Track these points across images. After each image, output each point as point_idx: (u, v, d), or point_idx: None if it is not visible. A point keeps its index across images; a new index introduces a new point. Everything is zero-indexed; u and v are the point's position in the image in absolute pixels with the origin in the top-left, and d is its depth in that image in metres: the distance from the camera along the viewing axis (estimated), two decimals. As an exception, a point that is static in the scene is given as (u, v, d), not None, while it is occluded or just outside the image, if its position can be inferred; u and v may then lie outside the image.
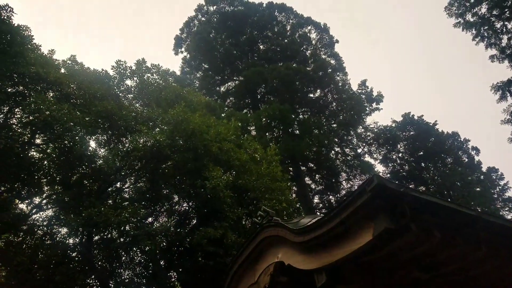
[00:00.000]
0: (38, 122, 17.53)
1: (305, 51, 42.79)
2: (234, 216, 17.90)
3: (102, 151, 20.69)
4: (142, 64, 22.62)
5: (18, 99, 18.70)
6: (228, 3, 43.09)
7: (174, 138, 18.83)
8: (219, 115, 31.21)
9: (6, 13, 17.25)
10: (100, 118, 18.75)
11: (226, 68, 43.08)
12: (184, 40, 44.62)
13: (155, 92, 22.37)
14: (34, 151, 19.69)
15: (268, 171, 20.20)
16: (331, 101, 39.14)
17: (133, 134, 19.11)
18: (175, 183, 20.43)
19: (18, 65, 17.48)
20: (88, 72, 21.04)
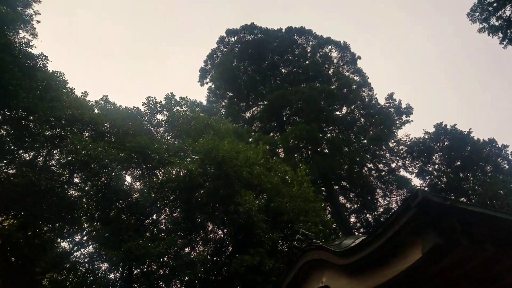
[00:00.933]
0: (75, 162, 18.34)
1: (327, 70, 42.93)
2: (269, 241, 17.67)
3: (138, 184, 21.23)
4: (171, 98, 23.37)
5: (56, 141, 19.71)
6: (248, 32, 44.31)
7: (205, 166, 19.09)
8: (247, 140, 31.46)
9: (42, 61, 18.45)
10: (134, 153, 19.33)
11: (250, 94, 43.76)
12: (208, 71, 45.98)
13: (184, 123, 22.92)
14: (73, 190, 20.44)
15: (300, 192, 19.97)
16: (358, 117, 38.65)
17: (166, 166, 19.55)
18: (208, 210, 20.53)
19: (54, 109, 18.53)
20: (120, 110, 21.93)
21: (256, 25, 44.54)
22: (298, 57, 43.33)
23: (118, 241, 16.62)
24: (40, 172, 17.35)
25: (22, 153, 19.58)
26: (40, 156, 20.35)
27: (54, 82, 18.99)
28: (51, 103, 18.03)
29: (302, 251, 6.85)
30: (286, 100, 36.70)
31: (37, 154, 20.09)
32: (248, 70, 44.06)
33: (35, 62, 17.44)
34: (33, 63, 17.30)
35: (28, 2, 31.25)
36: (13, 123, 18.60)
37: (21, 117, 18.64)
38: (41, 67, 17.79)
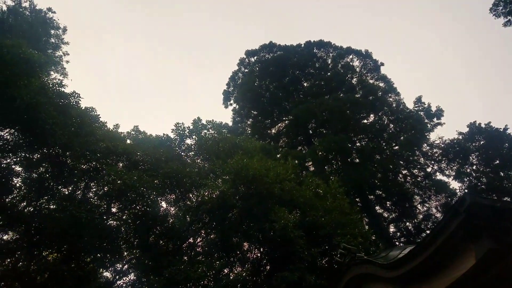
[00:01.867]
0: (112, 192, 18.92)
1: (351, 79, 42.56)
2: (308, 257, 17.32)
3: (173, 209, 21.56)
4: (198, 122, 23.88)
5: (93, 174, 20.44)
6: (267, 51, 44.92)
7: (237, 186, 19.18)
8: (275, 156, 31.39)
9: (74, 99, 19.51)
10: (167, 179, 19.72)
11: (274, 111, 43.95)
12: (231, 93, 46.77)
13: (213, 145, 23.25)
14: (112, 219, 20.97)
15: (335, 205, 19.58)
16: (387, 124, 37.81)
17: (199, 189, 19.80)
18: (243, 230, 20.46)
19: (89, 143, 19.36)
20: (151, 139, 22.59)
21: (274, 43, 45.10)
22: (319, 70, 43.30)
23: (158, 267, 16.80)
24: (80, 205, 17.98)
25: (61, 188, 20.40)
26: (78, 190, 21.11)
27: (87, 118, 19.89)
28: (86, 138, 18.82)
29: (347, 266, 6.66)
30: (311, 113, 36.54)
31: (75, 188, 20.87)
32: (270, 88, 44.40)
33: (68, 101, 18.39)
34: (66, 102, 18.24)
35: (57, 44, 33.31)
36: (51, 160, 19.52)
37: (58, 154, 19.55)
38: (74, 105, 18.70)
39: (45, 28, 31.90)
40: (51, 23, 32.39)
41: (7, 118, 16.97)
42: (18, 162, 19.50)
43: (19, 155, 19.55)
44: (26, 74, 16.82)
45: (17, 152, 19.42)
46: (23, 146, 19.03)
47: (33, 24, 30.45)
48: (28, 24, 30.07)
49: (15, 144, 19.27)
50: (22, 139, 18.91)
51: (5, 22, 29.02)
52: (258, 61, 45.45)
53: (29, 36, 27.44)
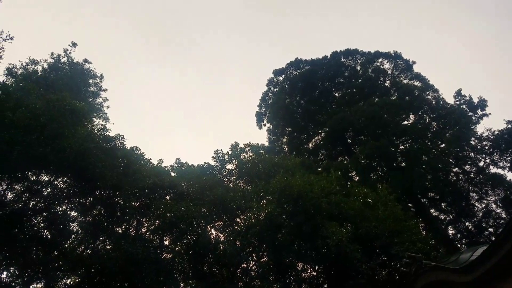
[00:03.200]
0: (163, 225, 19.38)
1: (383, 82, 41.63)
2: (368, 271, 16.65)
3: (222, 235, 21.66)
4: (236, 146, 24.26)
5: (143, 210, 21.12)
6: (294, 67, 45.19)
7: (282, 205, 19.02)
8: (316, 170, 30.96)
9: (119, 141, 20.52)
10: (213, 206, 19.99)
11: (309, 125, 43.68)
12: (264, 114, 47.18)
13: (253, 168, 23.42)
14: (165, 252, 21.38)
15: (387, 213, 18.80)
16: (429, 122, 36.27)
17: (245, 212, 19.86)
18: (295, 249, 20.09)
19: (137, 181, 20.14)
20: (193, 169, 23.16)
21: (300, 59, 45.29)
22: (349, 78, 42.80)
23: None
24: (134, 241, 18.54)
25: (115, 228, 21.16)
26: (131, 227, 21.82)
27: (133, 157, 20.81)
28: (133, 177, 19.60)
29: (415, 276, 6.28)
30: (347, 122, 35.92)
31: (128, 225, 21.58)
32: (302, 103, 44.34)
33: (113, 143, 19.34)
34: (112, 144, 19.18)
35: (96, 92, 35.44)
36: (103, 201, 20.44)
37: (109, 195, 20.45)
38: (119, 146, 19.62)
39: (84, 79, 34.13)
40: (89, 73, 34.64)
41: (60, 167, 18.07)
42: (73, 208, 20.54)
43: (74, 200, 20.61)
44: (72, 123, 17.99)
45: (72, 198, 20.50)
46: (76, 191, 20.09)
47: (72, 77, 32.70)
48: (68, 77, 32.32)
49: (69, 191, 20.38)
50: (75, 185, 19.97)
51: (48, 79, 31.41)
52: (287, 79, 45.74)
53: (71, 88, 29.44)
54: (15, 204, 19.37)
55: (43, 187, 19.92)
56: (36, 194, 19.67)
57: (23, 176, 18.95)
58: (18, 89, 19.41)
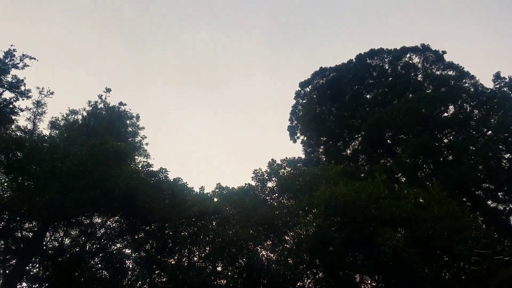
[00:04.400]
0: (214, 251, 19.48)
1: (415, 77, 40.32)
2: (431, 274, 15.76)
3: (272, 255, 21.39)
4: (273, 163, 24.23)
5: (193, 238, 21.40)
6: (320, 76, 44.93)
7: (330, 216, 18.59)
8: (358, 176, 30.13)
9: (163, 174, 21.20)
10: (260, 226, 19.86)
11: (344, 131, 42.87)
12: (296, 127, 46.98)
13: (293, 182, 23.18)
14: (219, 278, 21.39)
15: (443, 211, 17.84)
16: (471, 110, 34.44)
17: (292, 229, 19.58)
18: (349, 261, 19.44)
19: (184, 211, 20.51)
20: (235, 191, 23.32)
21: (325, 67, 45.03)
22: (378, 78, 41.84)
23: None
24: (188, 271, 18.73)
25: (168, 259, 21.51)
26: (183, 257, 22.08)
27: (176, 188, 21.37)
28: (179, 207, 20.04)
29: (487, 273, 5.85)
30: (383, 122, 34.91)
31: (180, 255, 21.85)
32: (333, 110, 43.75)
33: (158, 177, 19.97)
34: (156, 178, 19.80)
35: (134, 131, 36.96)
36: (154, 235, 20.94)
37: (159, 228, 20.95)
38: (163, 179, 20.22)
39: (121, 120, 35.78)
40: (125, 115, 36.32)
41: (110, 208, 18.88)
42: (127, 245, 21.20)
43: (126, 238, 21.29)
44: (117, 164, 18.87)
45: (124, 236, 21.20)
46: (128, 229, 20.78)
47: (110, 120, 34.38)
48: (106, 121, 34.04)
49: (121, 229, 21.12)
50: (126, 222, 20.70)
51: (88, 126, 33.25)
52: (314, 89, 45.48)
53: (111, 131, 30.94)
54: (73, 249, 20.31)
55: (97, 229, 20.78)
56: (91, 236, 20.55)
57: (78, 221, 19.90)
58: (63, 139, 20.66)
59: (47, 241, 20.44)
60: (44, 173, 18.04)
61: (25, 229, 19.74)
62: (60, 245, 20.24)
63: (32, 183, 18.73)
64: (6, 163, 19.09)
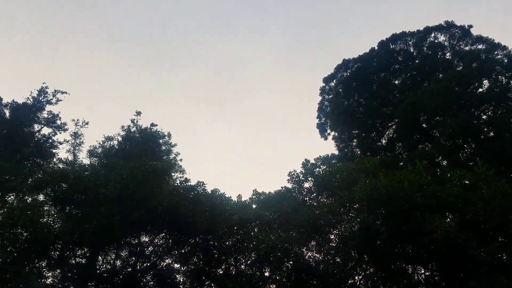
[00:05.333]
0: (260, 257, 19.48)
1: (443, 56, 38.75)
2: (487, 257, 15.03)
3: (319, 256, 21.15)
4: (307, 163, 24.13)
5: (237, 246, 21.48)
6: (343, 69, 44.17)
7: (373, 210, 18.20)
8: (397, 166, 29.32)
9: (201, 187, 21.75)
10: (302, 228, 19.74)
11: (376, 121, 41.84)
12: (325, 123, 46.31)
13: (330, 180, 22.87)
14: (268, 284, 21.37)
15: (492, 190, 16.94)
16: (507, 82, 32.56)
17: (336, 227, 19.34)
18: (399, 253, 18.89)
19: (225, 221, 20.86)
20: (272, 196, 23.47)
21: (347, 59, 44.24)
22: (404, 63, 40.58)
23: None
24: (237, 279, 18.95)
25: (217, 270, 21.76)
26: (230, 266, 22.26)
27: (215, 199, 21.78)
28: (221, 217, 20.41)
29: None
30: (416, 106, 33.78)
31: (227, 265, 22.04)
32: (361, 101, 42.87)
33: (196, 191, 20.45)
34: (195, 192, 20.28)
35: (168, 149, 38.02)
36: (200, 247, 21.35)
37: (204, 240, 21.35)
38: (202, 192, 20.67)
39: (154, 140, 36.97)
40: (157, 134, 37.56)
41: (155, 225, 19.52)
42: (175, 260, 21.74)
43: (173, 253, 21.84)
44: (157, 183, 19.55)
45: (171, 251, 21.77)
46: (174, 244, 21.35)
47: (144, 142, 35.62)
48: (141, 143, 35.30)
49: (167, 245, 21.70)
50: (172, 238, 21.29)
51: (124, 150, 34.63)
52: (339, 82, 44.76)
53: (146, 152, 32.02)
54: (125, 269, 21.05)
55: (145, 247, 21.46)
56: (140, 256, 21.22)
57: (126, 242, 20.65)
58: (103, 166, 21.60)
59: (100, 265, 21.30)
60: (89, 200, 18.92)
61: (78, 256, 20.71)
62: (113, 267, 21.02)
63: (79, 211, 19.66)
64: (53, 196, 20.17)
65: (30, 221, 17.24)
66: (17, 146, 37.03)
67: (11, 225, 17.39)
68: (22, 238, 17.59)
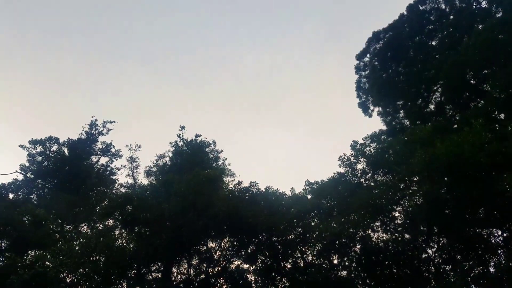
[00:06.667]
0: (326, 245, 19.60)
1: (479, 6, 35.73)
2: None
3: (385, 235, 20.67)
4: (356, 144, 23.84)
5: (300, 238, 21.62)
6: (375, 42, 42.29)
7: (436, 180, 17.50)
8: (452, 129, 27.79)
9: (254, 187, 22.33)
10: (362, 210, 19.41)
11: (420, 88, 39.82)
12: (366, 100, 44.73)
13: (383, 157, 22.29)
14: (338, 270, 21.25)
15: None
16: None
17: (398, 203, 18.85)
18: (471, 219, 17.92)
19: (283, 215, 21.21)
20: (326, 183, 23.37)
21: (378, 30, 42.25)
22: (438, 21, 38.13)
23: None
24: (306, 270, 19.06)
25: (285, 263, 21.97)
26: (298, 258, 22.34)
27: (270, 196, 22.08)
28: (278, 212, 20.71)
29: None
30: (461, 64, 31.72)
31: (294, 258, 22.18)
32: (400, 70, 41.00)
33: (250, 191, 20.92)
34: (250, 193, 20.73)
35: (216, 156, 39.01)
36: (264, 245, 21.69)
37: (267, 237, 21.67)
38: (256, 192, 21.08)
39: (201, 150, 38.10)
40: (203, 144, 38.68)
41: (219, 231, 20.28)
42: (244, 260, 22.28)
43: (240, 254, 22.39)
44: (214, 190, 20.29)
45: (238, 252, 22.33)
46: (239, 245, 21.91)
47: (192, 153, 36.84)
48: (189, 155, 36.61)
49: (233, 247, 22.31)
50: (236, 240, 21.87)
51: (176, 164, 36.09)
52: (373, 56, 43.12)
53: (196, 163, 33.02)
54: (199, 277, 21.93)
55: (213, 253, 22.24)
56: (210, 261, 22.00)
57: (195, 250, 21.55)
58: (161, 183, 22.72)
59: (174, 276, 22.38)
60: (155, 217, 20.03)
61: (154, 271, 21.94)
62: (187, 276, 21.98)
63: (147, 229, 20.84)
64: (121, 219, 21.55)
65: (106, 247, 18.59)
66: (80, 180, 39.90)
67: (89, 253, 18.86)
68: (101, 264, 18.98)
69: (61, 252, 18.91)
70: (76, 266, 18.13)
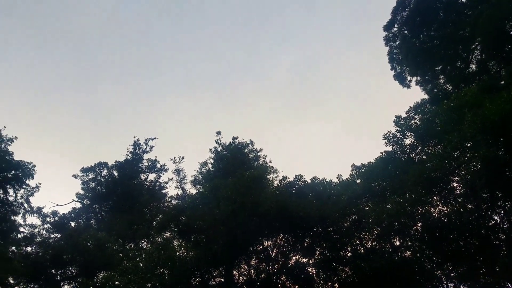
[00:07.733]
0: (384, 228, 19.00)
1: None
2: None
3: (445, 208, 19.65)
4: (399, 119, 22.87)
5: (356, 225, 21.17)
6: (401, 10, 39.63)
7: (492, 142, 16.33)
8: (500, 86, 25.88)
9: (300, 181, 22.21)
10: (418, 185, 18.55)
11: (457, 48, 37.54)
12: (402, 70, 42.88)
13: (431, 127, 21.19)
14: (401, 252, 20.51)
15: None
16: None
17: (454, 173, 17.80)
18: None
19: (334, 204, 20.80)
20: (373, 164, 22.56)
21: (401, 0, 40.73)
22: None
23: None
24: (367, 256, 18.58)
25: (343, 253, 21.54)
26: (357, 246, 21.89)
27: (317, 187, 22.08)
28: (329, 202, 20.39)
29: None
30: (497, 16, 29.54)
31: (352, 245, 21.73)
32: (433, 34, 38.82)
33: (297, 184, 21.04)
34: (296, 187, 20.91)
35: (256, 156, 39.20)
36: (319, 237, 21.43)
37: (321, 228, 21.37)
38: (302, 184, 20.95)
39: (241, 152, 38.47)
40: (241, 145, 39.07)
41: (272, 228, 20.31)
42: (302, 254, 22.17)
43: (296, 248, 22.29)
44: (261, 189, 20.49)
45: (294, 247, 22.23)
46: (294, 240, 21.82)
47: (233, 156, 37.30)
48: (229, 158, 37.08)
49: (289, 243, 22.23)
50: (290, 235, 21.79)
51: (219, 169, 36.74)
52: (401, 25, 41.05)
53: (238, 165, 33.44)
54: (260, 276, 22.05)
55: (271, 251, 22.29)
56: (269, 260, 22.05)
57: (252, 251, 21.74)
58: (209, 190, 23.20)
59: (236, 278, 22.68)
60: (208, 223, 20.43)
61: (216, 276, 22.36)
62: (248, 277, 22.21)
63: (203, 236, 21.27)
64: (177, 230, 22.22)
65: (168, 259, 19.19)
66: (133, 198, 41.71)
67: (153, 267, 19.56)
68: (165, 276, 19.62)
69: (128, 270, 19.74)
70: (143, 282, 18.84)
